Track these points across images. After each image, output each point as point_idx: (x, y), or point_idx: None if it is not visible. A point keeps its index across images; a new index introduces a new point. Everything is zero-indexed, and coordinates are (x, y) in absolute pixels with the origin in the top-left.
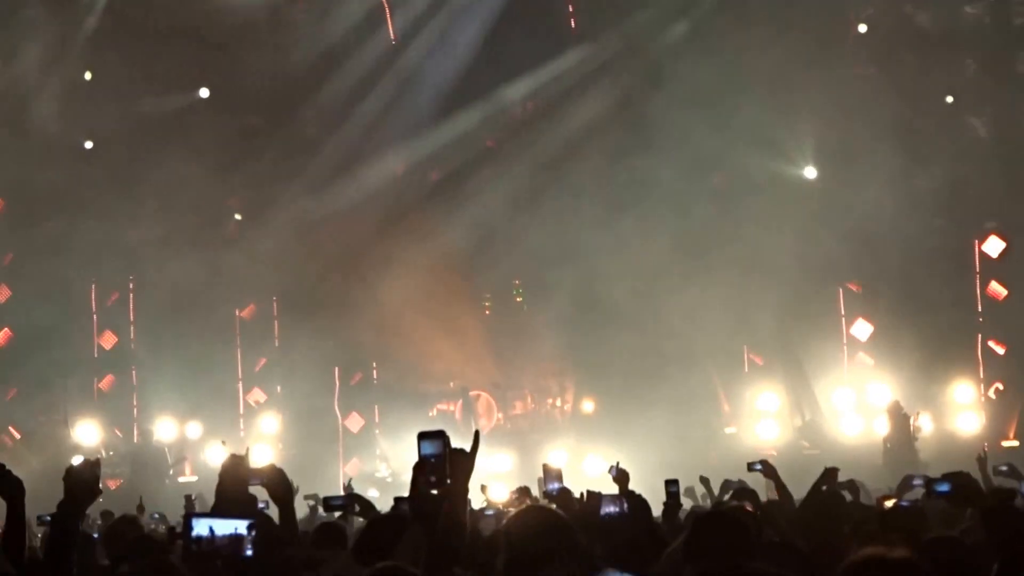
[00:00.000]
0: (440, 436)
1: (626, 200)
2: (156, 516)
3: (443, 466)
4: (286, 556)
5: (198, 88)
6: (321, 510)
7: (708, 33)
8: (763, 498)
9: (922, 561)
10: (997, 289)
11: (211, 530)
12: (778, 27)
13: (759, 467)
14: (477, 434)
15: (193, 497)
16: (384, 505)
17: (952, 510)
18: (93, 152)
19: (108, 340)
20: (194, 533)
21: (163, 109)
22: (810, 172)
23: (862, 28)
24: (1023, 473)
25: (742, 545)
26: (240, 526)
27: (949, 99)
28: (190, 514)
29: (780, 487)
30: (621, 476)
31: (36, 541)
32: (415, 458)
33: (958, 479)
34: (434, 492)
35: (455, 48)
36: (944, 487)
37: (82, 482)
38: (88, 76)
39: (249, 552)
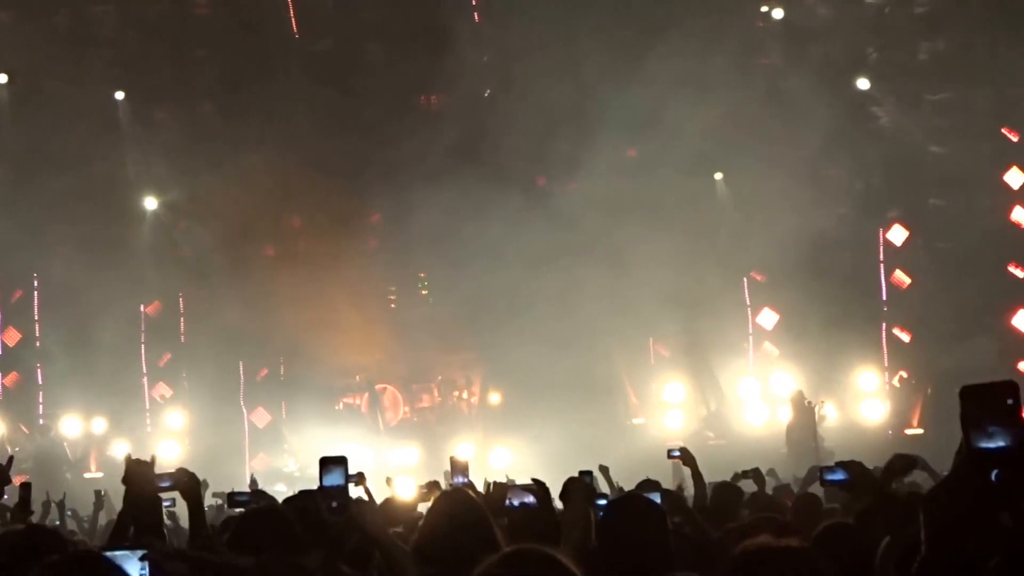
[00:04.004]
0: (342, 463)
1: (534, 192)
2: (69, 513)
3: (345, 493)
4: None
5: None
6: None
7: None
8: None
9: (815, 549)
10: (901, 277)
11: None
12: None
13: (678, 453)
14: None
15: (103, 493)
16: None
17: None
18: None
19: (12, 337)
20: None
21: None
22: (717, 173)
23: (777, 14)
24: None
25: (657, 534)
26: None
27: (862, 84)
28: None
29: (696, 475)
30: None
31: None
32: (321, 452)
33: (852, 468)
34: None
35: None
36: (839, 475)
37: None
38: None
39: None
